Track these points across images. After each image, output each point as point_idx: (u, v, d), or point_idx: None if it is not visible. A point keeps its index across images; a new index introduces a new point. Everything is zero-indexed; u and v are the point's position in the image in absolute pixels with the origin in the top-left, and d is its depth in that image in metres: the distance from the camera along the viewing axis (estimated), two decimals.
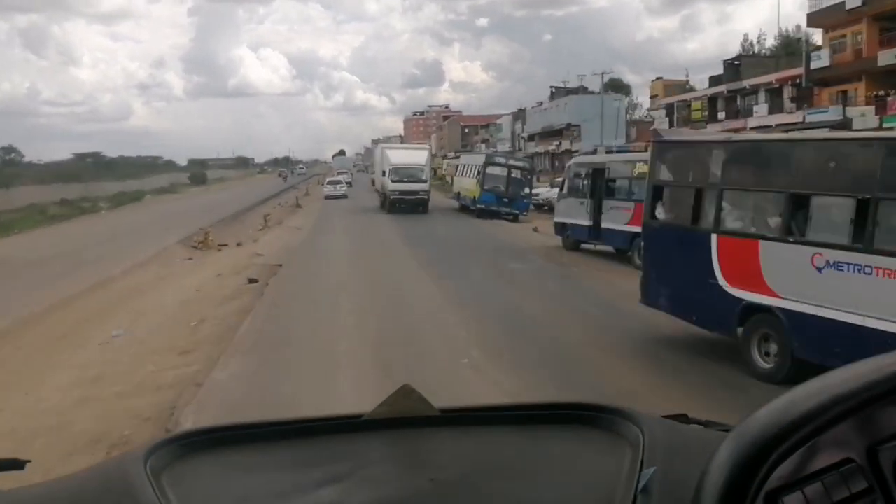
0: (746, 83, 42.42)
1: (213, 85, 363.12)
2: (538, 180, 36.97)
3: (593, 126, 67.58)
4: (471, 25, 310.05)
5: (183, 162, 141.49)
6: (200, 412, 6.65)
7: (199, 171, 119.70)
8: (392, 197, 31.97)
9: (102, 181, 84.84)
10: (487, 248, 18.57)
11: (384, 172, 32.88)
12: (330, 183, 49.75)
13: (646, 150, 12.88)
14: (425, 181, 32.32)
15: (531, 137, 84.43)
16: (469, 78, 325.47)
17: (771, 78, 40.90)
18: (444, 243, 20.03)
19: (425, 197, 32.09)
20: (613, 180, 15.87)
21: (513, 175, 28.60)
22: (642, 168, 14.38)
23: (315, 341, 9.65)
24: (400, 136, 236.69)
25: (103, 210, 50.50)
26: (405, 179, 31.78)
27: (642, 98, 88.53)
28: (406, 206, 31.14)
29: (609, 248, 16.83)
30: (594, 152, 49.27)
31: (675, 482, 1.00)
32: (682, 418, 1.44)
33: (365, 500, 1.16)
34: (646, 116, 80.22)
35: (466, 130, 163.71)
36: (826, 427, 0.83)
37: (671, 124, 50.82)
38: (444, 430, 1.39)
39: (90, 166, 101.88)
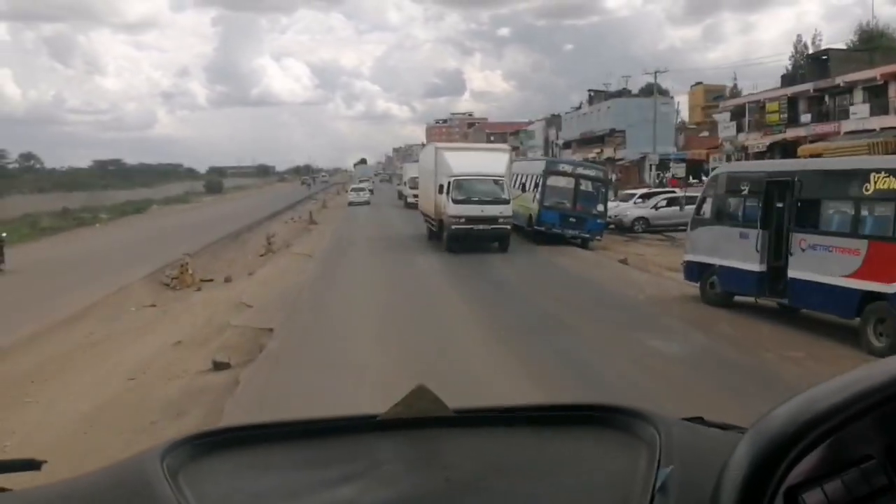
0: (840, 80, 35.86)
1: (236, 94, 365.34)
2: (615, 195, 29.61)
3: (639, 132, 61.38)
4: (492, 35, 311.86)
5: (204, 170, 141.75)
6: None
7: (215, 180, 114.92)
8: (454, 227, 19.55)
9: (114, 189, 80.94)
10: (587, 303, 12.13)
11: (441, 188, 19.85)
12: (354, 190, 52.51)
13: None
14: (507, 201, 19.83)
15: (567, 144, 78.28)
16: (490, 87, 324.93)
17: (874, 73, 34.33)
18: (516, 293, 13.66)
19: (506, 227, 19.87)
20: (815, 202, 9.59)
21: (582, 187, 21.63)
22: (889, 182, 8.27)
23: None
24: (422, 144, 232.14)
25: (99, 223, 45.24)
26: (475, 199, 19.56)
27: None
28: (476, 240, 19.63)
29: (771, 303, 10.74)
30: (643, 160, 42.88)
31: (693, 482, 1.00)
32: (699, 420, 1.41)
33: (380, 500, 1.15)
34: (711, 116, 73.70)
35: (492, 138, 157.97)
36: (846, 424, 0.82)
37: (739, 129, 44.32)
38: (459, 431, 1.39)
39: (108, 174, 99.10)
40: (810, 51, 63.79)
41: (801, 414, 0.83)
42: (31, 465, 1.34)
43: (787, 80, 45.13)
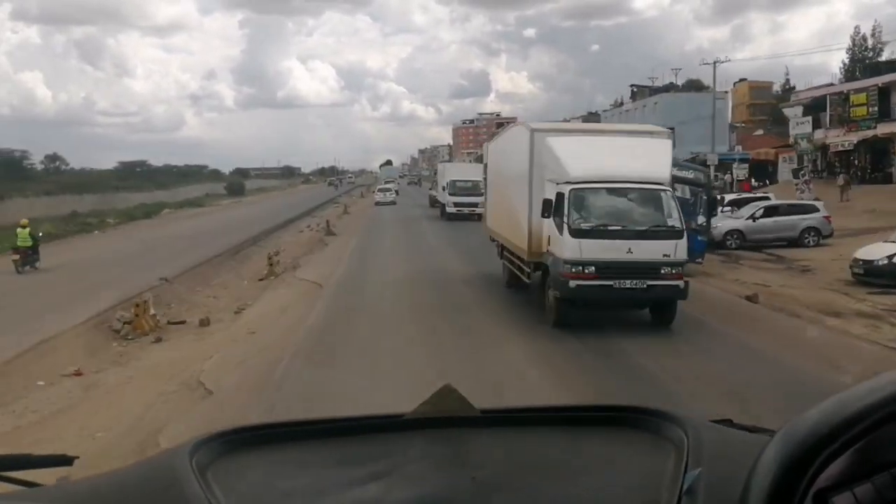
0: None
1: (263, 96, 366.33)
2: (722, 203, 21.25)
3: (690, 130, 55.91)
4: (518, 36, 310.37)
5: (229, 172, 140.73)
6: None
7: (237, 181, 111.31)
8: (573, 284, 9.99)
9: (131, 191, 77.67)
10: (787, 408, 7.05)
11: (546, 207, 10.47)
12: (380, 191, 54.61)
13: None
14: (677, 233, 10.21)
15: None
16: (515, 88, 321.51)
17: None
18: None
19: (676, 284, 10.09)
20: None
21: (677, 192, 12.44)
22: None
23: None
24: (448, 145, 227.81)
25: (102, 229, 41.10)
26: (617, 228, 10.26)
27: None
28: (613, 306, 10.74)
29: None
30: (694, 160, 37.05)
31: (720, 484, 0.99)
32: (727, 422, 1.40)
33: (406, 498, 1.16)
34: (756, 114, 67.90)
35: None
36: (877, 427, 0.81)
37: (816, 125, 38.61)
38: (486, 430, 1.39)
39: (133, 175, 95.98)
40: (869, 43, 58.07)
41: (832, 417, 0.81)
42: (64, 460, 1.38)
43: (849, 73, 39.39)
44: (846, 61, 56.64)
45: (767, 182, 44.57)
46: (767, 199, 24.12)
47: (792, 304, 12.16)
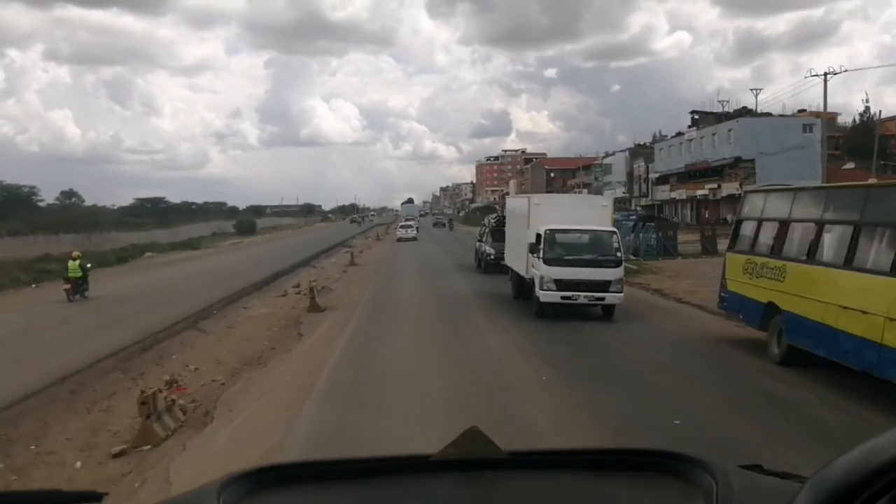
0: None
1: (287, 134, 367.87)
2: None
3: (775, 161, 45.97)
4: (539, 76, 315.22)
5: (244, 208, 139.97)
6: None
7: (246, 219, 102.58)
8: None
9: (129, 230, 70.26)
10: None
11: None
12: (402, 227, 55.84)
13: None
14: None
15: (662, 179, 62.96)
16: (536, 128, 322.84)
17: None
18: None
19: None
20: None
21: None
22: None
23: None
24: (472, 182, 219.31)
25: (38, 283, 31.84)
26: None
27: None
28: None
29: None
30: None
31: None
32: (757, 468, 1.38)
33: None
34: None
35: (552, 175, 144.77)
36: None
37: None
38: (513, 474, 1.38)
39: (149, 211, 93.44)
40: None
41: (864, 464, 0.80)
42: (93, 496, 1.39)
43: None
44: None
45: None
46: None
47: None
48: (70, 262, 22.36)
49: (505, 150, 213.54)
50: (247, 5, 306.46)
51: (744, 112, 55.24)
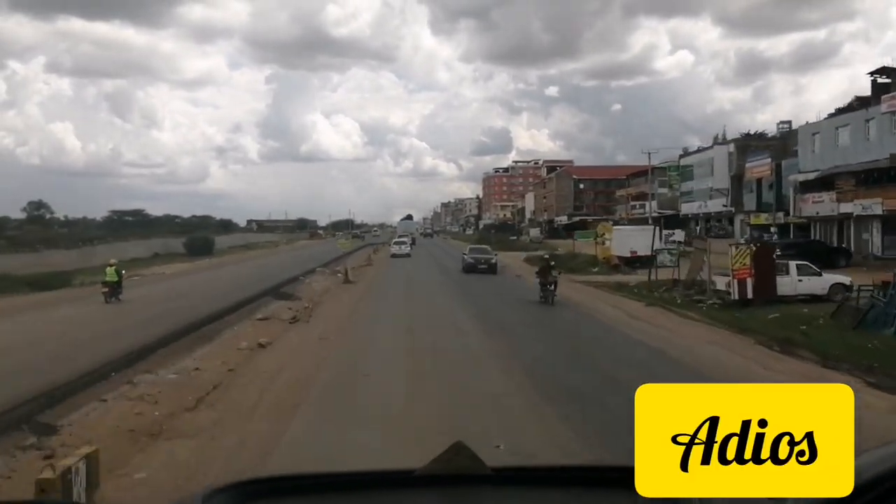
0: None
1: (287, 149, 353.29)
2: None
3: None
4: (540, 95, 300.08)
5: (242, 223, 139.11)
6: None
7: (200, 238, 78.50)
8: None
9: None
10: None
11: None
12: (396, 243, 59.59)
13: None
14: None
15: (808, 185, 40.22)
16: (536, 146, 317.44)
17: None
18: None
19: None
20: None
21: None
22: None
23: None
24: (478, 197, 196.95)
25: None
26: None
27: None
28: None
29: None
30: None
31: None
32: None
33: None
34: None
35: (582, 186, 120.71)
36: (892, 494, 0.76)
37: None
38: (497, 490, 1.35)
39: (124, 225, 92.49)
40: None
41: (874, 465, 0.79)
42: None
43: None
44: None
45: None
46: None
47: None
48: (108, 269, 25.44)
49: (516, 161, 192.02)
50: (249, 20, 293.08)
51: None
